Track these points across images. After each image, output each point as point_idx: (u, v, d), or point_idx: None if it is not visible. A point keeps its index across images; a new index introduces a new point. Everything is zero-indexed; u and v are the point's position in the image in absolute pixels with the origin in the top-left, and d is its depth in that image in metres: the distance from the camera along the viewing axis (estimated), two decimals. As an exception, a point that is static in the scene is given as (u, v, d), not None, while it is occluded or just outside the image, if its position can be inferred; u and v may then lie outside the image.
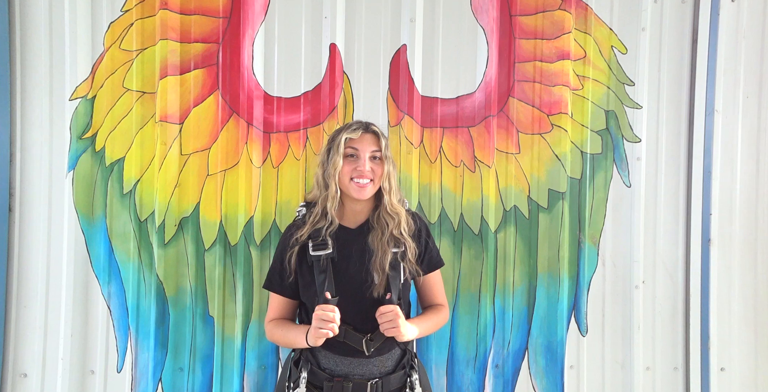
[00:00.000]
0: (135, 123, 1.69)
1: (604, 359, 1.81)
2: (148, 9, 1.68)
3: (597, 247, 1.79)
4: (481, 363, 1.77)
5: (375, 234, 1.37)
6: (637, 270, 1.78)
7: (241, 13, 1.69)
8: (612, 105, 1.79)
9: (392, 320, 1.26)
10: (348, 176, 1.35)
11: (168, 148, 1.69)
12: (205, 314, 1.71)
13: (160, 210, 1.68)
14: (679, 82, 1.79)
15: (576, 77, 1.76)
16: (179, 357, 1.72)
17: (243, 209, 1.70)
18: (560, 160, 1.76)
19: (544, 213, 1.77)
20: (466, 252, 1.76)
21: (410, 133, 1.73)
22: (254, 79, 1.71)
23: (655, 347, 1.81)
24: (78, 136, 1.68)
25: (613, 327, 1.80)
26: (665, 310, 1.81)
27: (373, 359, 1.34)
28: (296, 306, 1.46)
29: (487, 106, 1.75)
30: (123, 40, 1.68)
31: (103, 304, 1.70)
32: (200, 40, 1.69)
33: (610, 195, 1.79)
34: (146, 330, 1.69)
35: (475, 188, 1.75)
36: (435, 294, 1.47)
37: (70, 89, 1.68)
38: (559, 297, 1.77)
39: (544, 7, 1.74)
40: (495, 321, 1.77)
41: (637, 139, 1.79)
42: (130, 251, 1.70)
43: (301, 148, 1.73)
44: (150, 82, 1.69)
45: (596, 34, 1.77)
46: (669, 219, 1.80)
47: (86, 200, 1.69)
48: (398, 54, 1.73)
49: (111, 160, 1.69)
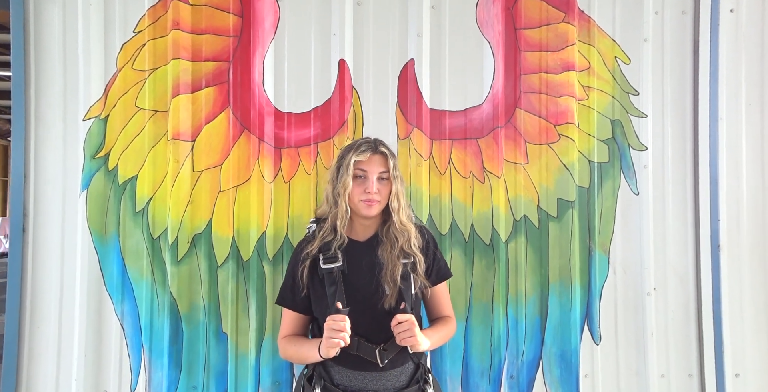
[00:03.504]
0: (147, 141, 1.70)
1: (619, 367, 1.81)
2: (160, 30, 1.71)
3: (607, 255, 1.80)
4: (495, 374, 1.76)
5: (384, 247, 1.38)
6: (648, 278, 1.79)
7: (251, 31, 1.73)
8: (617, 114, 1.81)
9: (409, 329, 1.26)
10: (357, 197, 1.37)
11: (180, 166, 1.71)
12: (219, 331, 1.71)
13: (172, 228, 1.69)
14: (682, 90, 1.82)
15: (581, 88, 1.79)
16: (193, 376, 1.71)
17: (255, 224, 1.71)
18: (568, 169, 1.78)
19: (554, 223, 1.79)
20: (477, 263, 1.76)
21: (419, 145, 1.75)
22: (265, 96, 1.74)
23: (669, 354, 1.81)
24: (91, 155, 1.70)
25: (626, 334, 1.80)
26: (678, 317, 1.81)
27: (386, 373, 1.34)
28: (309, 321, 1.46)
29: (494, 117, 1.77)
30: (135, 60, 1.71)
31: (117, 323, 1.70)
32: (211, 59, 1.72)
33: (618, 203, 1.81)
34: (160, 348, 1.69)
35: (485, 199, 1.77)
36: (443, 305, 1.47)
37: (84, 109, 1.70)
38: (572, 305, 1.77)
39: (548, 20, 1.78)
40: (508, 332, 1.77)
41: (643, 147, 1.81)
42: (143, 269, 1.70)
43: (311, 163, 1.74)
44: (162, 100, 1.71)
45: (600, 46, 1.80)
46: (678, 226, 1.81)
47: (99, 219, 1.70)
48: (406, 68, 1.76)
49: (124, 179, 1.70)
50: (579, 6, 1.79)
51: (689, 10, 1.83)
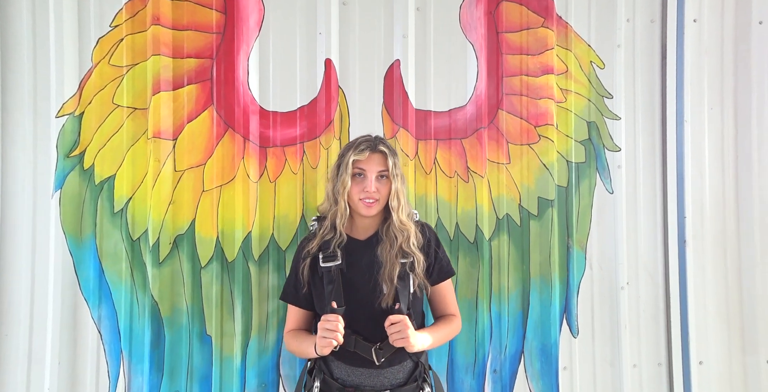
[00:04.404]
0: (126, 140, 1.64)
1: (595, 359, 1.89)
2: (139, 24, 1.65)
3: (584, 252, 1.88)
4: (479, 369, 1.81)
5: (384, 246, 1.39)
6: (621, 273, 1.88)
7: (234, 29, 1.69)
8: (593, 116, 1.89)
9: (401, 330, 1.27)
10: (356, 196, 1.38)
11: (161, 165, 1.65)
12: (203, 333, 1.67)
13: (153, 229, 1.64)
14: (651, 94, 1.92)
15: (560, 90, 1.86)
16: (175, 380, 1.67)
17: (240, 225, 1.68)
18: (548, 169, 1.84)
19: (535, 221, 1.85)
20: (462, 261, 1.80)
21: (405, 145, 1.77)
22: (249, 94, 1.71)
23: (641, 345, 1.90)
24: (65, 154, 1.62)
25: (602, 327, 1.89)
26: (648, 310, 1.91)
27: (383, 370, 1.36)
28: (312, 317, 1.47)
29: (478, 118, 1.81)
30: (112, 56, 1.64)
31: (93, 328, 1.63)
32: (193, 56, 1.68)
33: (594, 201, 1.89)
34: (140, 353, 1.64)
35: (469, 198, 1.81)
36: (447, 304, 1.49)
37: (57, 106, 1.62)
38: (552, 300, 1.83)
39: (528, 24, 1.84)
40: (492, 327, 1.81)
41: (617, 148, 1.90)
42: (122, 272, 1.64)
43: (298, 162, 1.73)
44: (141, 97, 1.65)
45: (576, 50, 1.88)
46: (648, 223, 1.91)
47: (74, 220, 1.63)
48: (392, 68, 1.77)
49: (101, 178, 1.64)
50: (557, 12, 1.86)
51: (657, 19, 1.93)
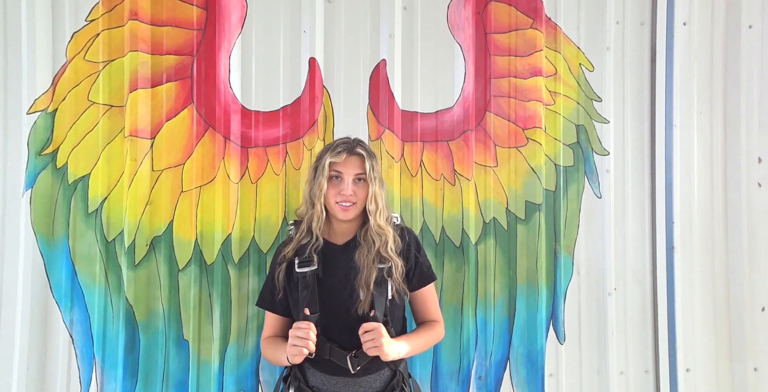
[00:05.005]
0: (101, 138, 1.59)
1: (582, 366, 1.86)
2: (116, 19, 1.60)
3: (572, 257, 1.85)
4: (464, 376, 1.77)
5: (361, 250, 1.36)
6: (609, 278, 1.85)
7: (216, 25, 1.65)
8: (582, 119, 1.86)
9: (374, 338, 1.23)
10: (333, 199, 1.35)
11: (138, 164, 1.60)
12: (179, 338, 1.62)
13: (129, 230, 1.59)
14: (641, 98, 1.90)
15: (548, 93, 1.83)
16: (150, 386, 1.61)
17: (220, 226, 1.63)
18: (536, 173, 1.81)
19: (522, 225, 1.81)
20: (448, 265, 1.76)
21: (391, 147, 1.73)
22: (231, 93, 1.66)
23: (628, 352, 1.87)
24: (37, 151, 1.57)
25: (588, 334, 1.86)
26: (636, 316, 1.88)
27: (359, 379, 1.32)
28: (289, 323, 1.41)
29: (465, 120, 1.78)
30: (88, 51, 1.59)
31: (65, 332, 1.57)
32: (173, 52, 1.63)
33: (582, 206, 1.86)
34: (114, 358, 1.58)
35: (455, 201, 1.77)
36: (429, 309, 1.45)
37: (28, 102, 1.56)
38: (538, 306, 1.80)
39: (517, 25, 1.81)
40: (477, 333, 1.78)
41: (605, 152, 1.87)
42: (95, 274, 1.59)
43: (280, 163, 1.69)
44: (118, 95, 1.60)
45: (565, 52, 1.85)
46: (636, 228, 1.88)
47: (46, 220, 1.57)
48: (378, 68, 1.73)
49: (74, 177, 1.58)
50: (546, 13, 1.83)
51: (647, 22, 1.91)
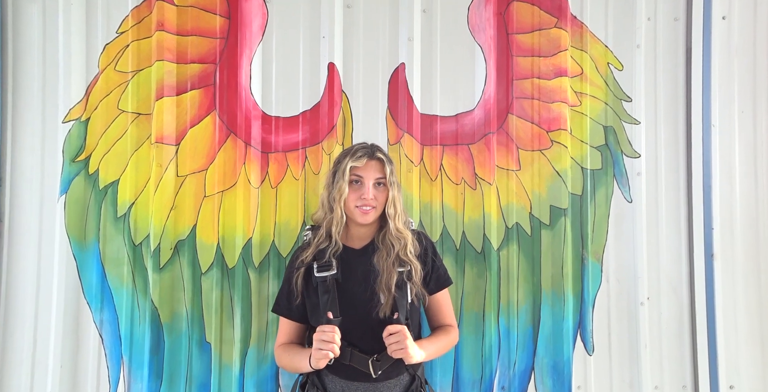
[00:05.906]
0: (130, 145, 1.65)
1: (612, 379, 1.77)
2: (144, 30, 1.66)
3: (601, 264, 1.77)
4: (487, 386, 1.72)
5: (380, 254, 1.36)
6: (641, 287, 1.76)
7: (238, 33, 1.69)
8: (610, 121, 1.79)
9: (399, 341, 1.23)
10: (353, 203, 1.35)
11: (164, 170, 1.66)
12: (202, 340, 1.65)
13: (155, 234, 1.64)
14: (675, 97, 1.80)
15: (574, 94, 1.77)
16: (174, 387, 1.65)
17: (241, 231, 1.66)
18: (561, 176, 1.75)
19: (547, 230, 1.75)
20: (469, 271, 1.73)
21: (410, 151, 1.72)
22: (252, 99, 1.69)
23: (663, 365, 1.77)
24: (71, 158, 1.65)
25: (619, 345, 1.77)
26: (671, 327, 1.78)
27: (380, 384, 1.31)
28: (305, 330, 1.43)
29: (486, 123, 1.74)
30: (118, 62, 1.66)
31: (95, 332, 1.64)
32: (197, 61, 1.68)
33: (611, 210, 1.78)
34: (140, 358, 1.63)
35: (476, 206, 1.73)
36: (444, 314, 1.44)
37: (64, 111, 1.65)
38: (564, 315, 1.73)
39: (540, 25, 1.76)
40: (500, 342, 1.73)
41: (636, 154, 1.79)
42: (123, 276, 1.64)
43: (299, 168, 1.70)
44: (145, 103, 1.66)
45: (592, 52, 1.78)
46: (671, 234, 1.79)
47: (79, 224, 1.64)
48: (397, 72, 1.72)
49: (105, 183, 1.65)
50: (571, 11, 1.77)
51: (681, 17, 1.82)
